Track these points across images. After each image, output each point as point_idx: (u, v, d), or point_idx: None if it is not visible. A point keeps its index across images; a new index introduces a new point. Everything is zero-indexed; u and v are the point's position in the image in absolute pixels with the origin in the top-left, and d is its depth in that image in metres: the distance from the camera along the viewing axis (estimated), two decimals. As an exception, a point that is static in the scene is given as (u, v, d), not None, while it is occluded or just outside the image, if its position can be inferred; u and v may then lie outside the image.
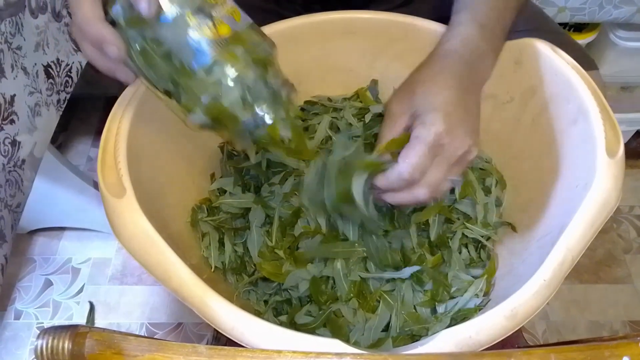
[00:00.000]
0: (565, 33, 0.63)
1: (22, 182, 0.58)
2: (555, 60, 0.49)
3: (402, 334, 0.48)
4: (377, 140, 0.47)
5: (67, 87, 0.69)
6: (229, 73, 0.38)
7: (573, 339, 0.39)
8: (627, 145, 0.59)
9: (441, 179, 0.43)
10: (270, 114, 0.40)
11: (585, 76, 0.47)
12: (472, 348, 0.34)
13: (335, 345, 0.33)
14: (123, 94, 0.47)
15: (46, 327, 0.31)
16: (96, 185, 1.01)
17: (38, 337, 0.30)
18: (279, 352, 0.30)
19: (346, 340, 0.33)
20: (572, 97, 0.47)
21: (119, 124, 0.44)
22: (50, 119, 0.65)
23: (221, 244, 0.54)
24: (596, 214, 0.38)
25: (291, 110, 0.42)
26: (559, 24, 0.66)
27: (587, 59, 0.57)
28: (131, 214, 0.39)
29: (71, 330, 0.31)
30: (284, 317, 0.50)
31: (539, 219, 0.49)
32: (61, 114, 0.68)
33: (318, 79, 0.61)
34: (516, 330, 0.35)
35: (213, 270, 0.52)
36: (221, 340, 0.75)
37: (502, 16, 0.49)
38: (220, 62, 0.38)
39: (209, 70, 0.38)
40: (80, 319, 0.98)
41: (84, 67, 0.72)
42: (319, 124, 0.59)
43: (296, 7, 0.62)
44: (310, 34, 0.58)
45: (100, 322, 0.96)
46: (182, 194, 0.54)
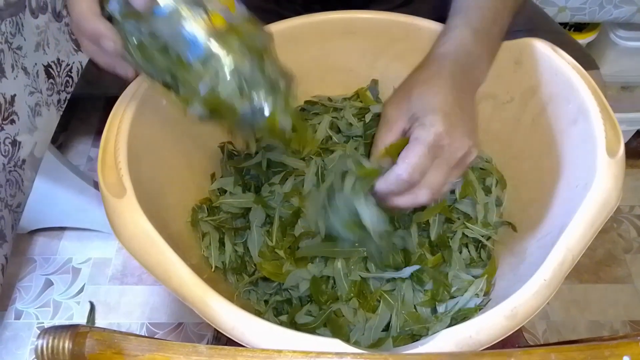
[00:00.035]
0: (565, 33, 0.63)
1: (23, 182, 0.59)
2: (556, 60, 0.49)
3: (403, 333, 0.48)
4: (372, 145, 0.47)
5: (68, 87, 0.69)
6: (225, 64, 0.38)
7: (573, 338, 0.39)
8: (627, 145, 0.59)
9: (442, 180, 0.42)
10: (268, 104, 0.40)
11: (586, 76, 0.47)
12: (473, 348, 0.34)
13: (336, 345, 0.33)
14: (123, 94, 0.47)
15: (46, 327, 0.31)
16: (96, 185, 1.01)
17: (38, 337, 0.30)
18: (280, 351, 0.30)
19: (346, 340, 0.33)
20: (572, 97, 0.47)
21: (119, 124, 0.44)
22: (51, 119, 0.65)
23: (221, 243, 0.54)
24: (596, 213, 0.38)
25: (291, 100, 0.42)
26: (559, 24, 0.66)
27: (587, 59, 0.57)
28: (131, 214, 0.39)
29: (71, 330, 0.31)
30: (285, 317, 0.50)
31: (539, 218, 0.49)
32: (61, 114, 0.68)
33: (318, 79, 0.61)
34: (516, 330, 0.35)
35: (213, 270, 0.52)
36: (221, 340, 0.75)
37: (499, 18, 0.48)
38: (215, 54, 0.38)
39: (204, 61, 0.38)
40: (81, 319, 0.98)
41: (84, 67, 0.72)
42: (319, 124, 0.59)
43: (296, 7, 0.62)
44: (310, 34, 0.58)
45: (100, 322, 0.96)
46: (183, 193, 0.54)
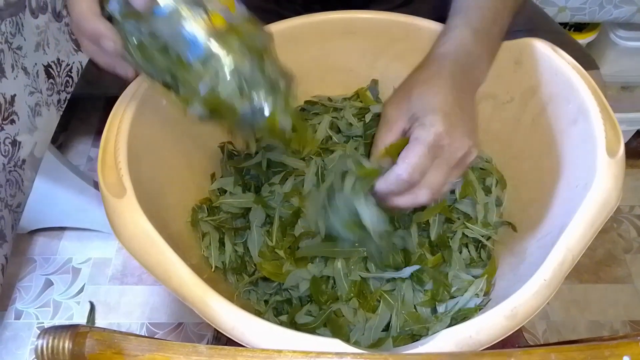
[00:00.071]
0: (565, 33, 0.63)
1: (23, 182, 0.59)
2: (556, 60, 0.49)
3: (403, 333, 0.48)
4: (372, 145, 0.47)
5: (68, 87, 0.69)
6: (225, 64, 0.38)
7: (573, 338, 0.39)
8: (627, 145, 0.59)
9: (442, 180, 0.42)
10: (268, 104, 0.40)
11: (586, 76, 0.47)
12: (473, 348, 0.34)
13: (336, 345, 0.33)
14: (123, 94, 0.47)
15: (46, 327, 0.31)
16: (96, 185, 1.01)
17: (38, 337, 0.30)
18: (279, 351, 0.30)
19: (346, 340, 0.33)
20: (572, 97, 0.47)
21: (119, 124, 0.44)
22: (51, 119, 0.65)
23: (221, 243, 0.54)
24: (596, 213, 0.38)
25: (291, 100, 0.42)
26: (559, 24, 0.66)
27: (587, 59, 0.57)
28: (131, 214, 0.39)
29: (71, 330, 0.31)
30: (285, 317, 0.50)
31: (539, 218, 0.49)
32: (61, 114, 0.68)
33: (318, 79, 0.61)
34: (516, 330, 0.35)
35: (213, 270, 0.52)
36: (221, 340, 0.75)
37: (499, 18, 0.48)
38: (215, 54, 0.38)
39: (204, 61, 0.38)
40: (81, 319, 0.98)
41: (84, 67, 0.72)
42: (319, 124, 0.59)
43: (296, 7, 0.62)
44: (310, 34, 0.58)
45: (100, 322, 0.96)
46: (183, 193, 0.54)
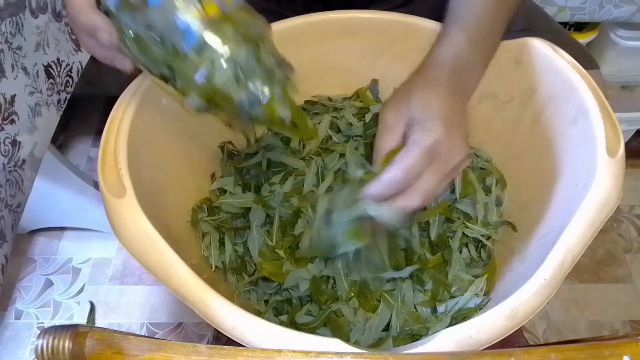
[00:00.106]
0: (565, 32, 0.63)
1: (23, 182, 0.59)
2: (556, 59, 0.49)
3: (403, 333, 0.48)
4: (374, 151, 0.46)
5: (68, 87, 0.69)
6: (219, 52, 0.38)
7: (573, 338, 0.39)
8: (627, 144, 0.59)
9: (435, 185, 0.42)
10: (265, 92, 0.40)
11: (586, 75, 0.47)
12: (473, 347, 0.34)
13: (336, 345, 0.33)
14: (123, 94, 0.47)
15: (46, 327, 0.31)
16: (96, 185, 1.01)
17: (38, 337, 0.30)
18: (279, 351, 0.30)
19: (346, 340, 0.33)
20: (572, 97, 0.47)
21: (119, 123, 0.44)
22: (51, 119, 0.65)
23: (221, 243, 0.54)
24: (596, 213, 0.38)
25: (289, 89, 0.42)
26: (559, 23, 0.66)
27: (587, 58, 0.57)
28: (131, 213, 0.39)
29: (72, 329, 0.31)
30: (285, 317, 0.50)
31: (539, 218, 0.49)
32: (61, 114, 0.68)
33: (318, 78, 0.61)
34: (516, 329, 0.35)
35: (213, 270, 0.52)
36: (221, 339, 0.75)
37: (495, 26, 0.48)
38: (210, 42, 0.38)
39: (198, 50, 0.38)
40: (81, 319, 0.98)
41: (84, 67, 0.72)
42: (319, 123, 0.59)
43: (297, 7, 0.62)
44: (310, 34, 0.58)
45: (100, 322, 0.96)
46: (183, 193, 0.54)
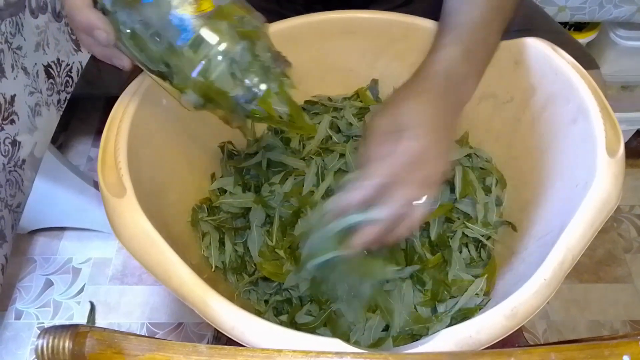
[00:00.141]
0: (565, 32, 0.63)
1: (23, 182, 0.58)
2: (556, 59, 0.49)
3: (403, 333, 0.48)
4: (359, 155, 0.45)
5: (68, 87, 0.69)
6: (214, 48, 0.38)
7: (573, 338, 0.39)
8: (627, 144, 0.59)
9: (415, 194, 0.41)
10: (260, 87, 0.40)
11: (586, 75, 0.47)
12: (473, 347, 0.34)
13: (336, 345, 0.33)
14: (123, 94, 0.47)
15: (47, 327, 0.31)
16: (96, 185, 1.01)
17: (39, 337, 0.30)
18: (279, 351, 0.30)
19: (346, 340, 0.33)
20: (572, 97, 0.47)
21: (119, 123, 0.44)
22: (51, 119, 0.65)
23: (221, 243, 0.54)
24: (596, 213, 0.38)
25: (286, 84, 0.41)
26: (559, 23, 0.66)
27: (587, 58, 0.57)
28: (131, 213, 0.39)
29: (72, 329, 0.31)
30: (285, 317, 0.50)
31: (539, 218, 0.49)
32: (61, 114, 0.68)
33: (318, 78, 0.61)
34: (516, 329, 0.35)
35: (213, 270, 0.52)
36: (221, 339, 0.75)
37: (488, 37, 0.48)
38: (204, 37, 0.38)
39: (192, 46, 0.38)
40: (81, 319, 0.98)
41: (84, 67, 0.72)
42: (319, 123, 0.59)
43: (297, 7, 0.62)
44: (310, 34, 0.58)
45: (100, 322, 0.96)
46: (183, 193, 0.54)
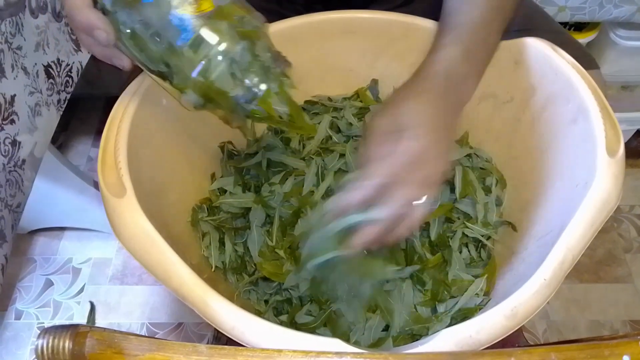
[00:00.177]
0: (565, 32, 0.63)
1: (23, 182, 0.58)
2: (556, 59, 0.49)
3: (403, 333, 0.48)
4: (359, 155, 0.45)
5: (68, 87, 0.69)
6: (213, 47, 0.38)
7: (573, 338, 0.39)
8: (627, 144, 0.59)
9: (415, 194, 0.41)
10: (260, 87, 0.40)
11: (586, 75, 0.47)
12: (473, 347, 0.34)
13: (336, 345, 0.33)
14: (123, 94, 0.47)
15: (47, 327, 0.31)
16: (96, 185, 1.01)
17: (39, 337, 0.30)
18: (279, 351, 0.30)
19: (346, 340, 0.33)
20: (572, 97, 0.47)
21: (119, 123, 0.44)
22: (51, 119, 0.65)
23: (221, 243, 0.54)
24: (596, 213, 0.38)
25: (286, 84, 0.41)
26: (559, 23, 0.66)
27: (587, 58, 0.57)
28: (131, 213, 0.39)
29: (72, 329, 0.31)
30: (285, 317, 0.50)
31: (539, 218, 0.49)
32: (61, 114, 0.68)
33: (318, 78, 0.61)
34: (516, 329, 0.35)
35: (213, 270, 0.52)
36: (221, 339, 0.75)
37: (488, 37, 0.48)
38: (204, 37, 0.38)
39: (192, 46, 0.38)
40: (81, 319, 0.98)
41: (84, 67, 0.72)
42: (319, 123, 0.59)
43: (297, 7, 0.62)
44: (310, 34, 0.58)
45: (100, 322, 0.96)
46: (183, 193, 0.54)
